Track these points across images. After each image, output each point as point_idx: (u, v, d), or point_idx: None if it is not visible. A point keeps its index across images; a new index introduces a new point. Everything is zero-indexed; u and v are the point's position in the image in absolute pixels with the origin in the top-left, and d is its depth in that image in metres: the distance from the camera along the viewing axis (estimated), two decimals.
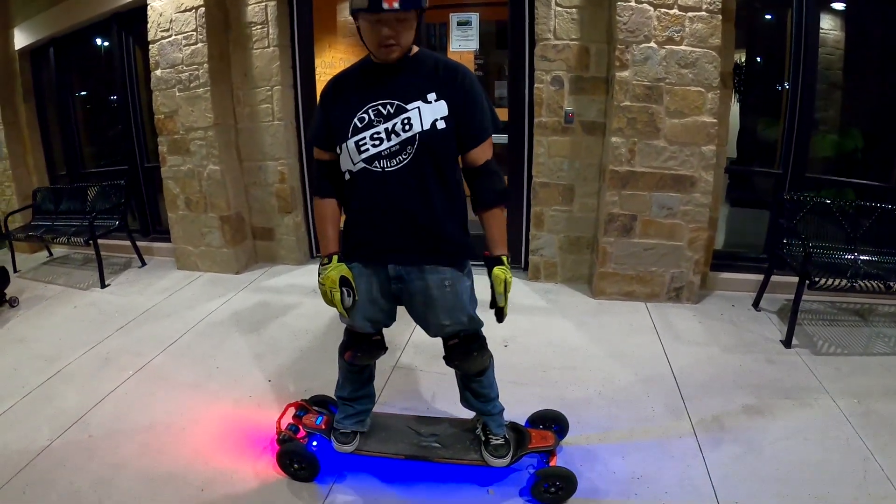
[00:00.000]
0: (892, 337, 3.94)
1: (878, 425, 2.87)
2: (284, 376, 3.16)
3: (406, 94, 1.89)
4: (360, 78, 1.95)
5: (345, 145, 1.93)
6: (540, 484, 2.28)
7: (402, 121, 1.88)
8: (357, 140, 1.91)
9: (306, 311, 3.96)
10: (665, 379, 3.22)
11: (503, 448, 2.33)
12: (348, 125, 1.92)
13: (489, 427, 2.35)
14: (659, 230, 3.94)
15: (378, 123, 1.90)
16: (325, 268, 2.02)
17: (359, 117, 1.91)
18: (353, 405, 2.39)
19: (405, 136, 1.89)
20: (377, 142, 1.90)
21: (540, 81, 3.94)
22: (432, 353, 3.28)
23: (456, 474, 2.45)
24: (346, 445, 2.39)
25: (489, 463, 2.32)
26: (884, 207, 4.01)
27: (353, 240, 2.07)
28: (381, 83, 1.91)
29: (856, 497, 2.37)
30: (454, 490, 2.39)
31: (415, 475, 2.46)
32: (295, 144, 4.64)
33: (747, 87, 4.73)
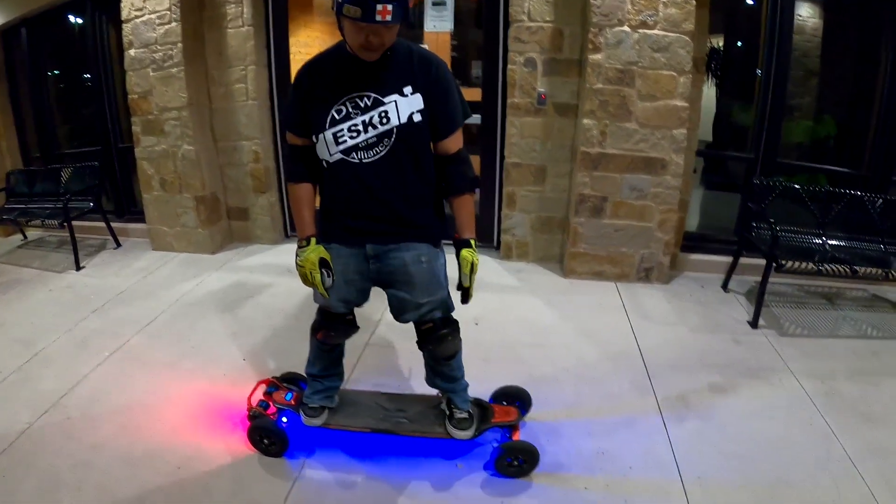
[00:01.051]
0: (858, 320, 4.02)
1: (841, 406, 2.94)
2: (259, 355, 3.17)
3: (383, 86, 1.92)
4: (336, 67, 1.95)
5: (322, 136, 1.95)
6: (503, 457, 2.34)
7: (380, 114, 1.91)
8: (335, 132, 1.93)
9: (281, 290, 3.97)
10: (632, 357, 3.27)
11: (466, 422, 2.37)
12: (325, 116, 1.93)
13: (454, 402, 2.39)
14: (629, 211, 3.99)
15: (355, 115, 1.92)
16: (304, 250, 2.04)
17: (336, 109, 1.92)
18: (322, 381, 2.43)
19: (382, 129, 1.92)
20: (354, 133, 1.93)
21: (513, 63, 3.95)
22: (405, 330, 3.28)
23: (422, 448, 2.49)
24: (314, 419, 2.43)
25: (453, 436, 2.37)
26: (853, 194, 4.07)
27: (330, 222, 2.10)
28: (358, 75, 1.92)
29: (816, 475, 2.43)
30: (421, 463, 2.43)
31: (383, 450, 2.50)
32: (269, 124, 4.61)
33: (724, 72, 4.77)
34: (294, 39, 4.64)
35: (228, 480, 2.31)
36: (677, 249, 4.33)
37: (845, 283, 4.39)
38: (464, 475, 2.38)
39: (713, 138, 4.75)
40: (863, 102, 4.70)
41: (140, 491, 2.25)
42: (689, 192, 4.23)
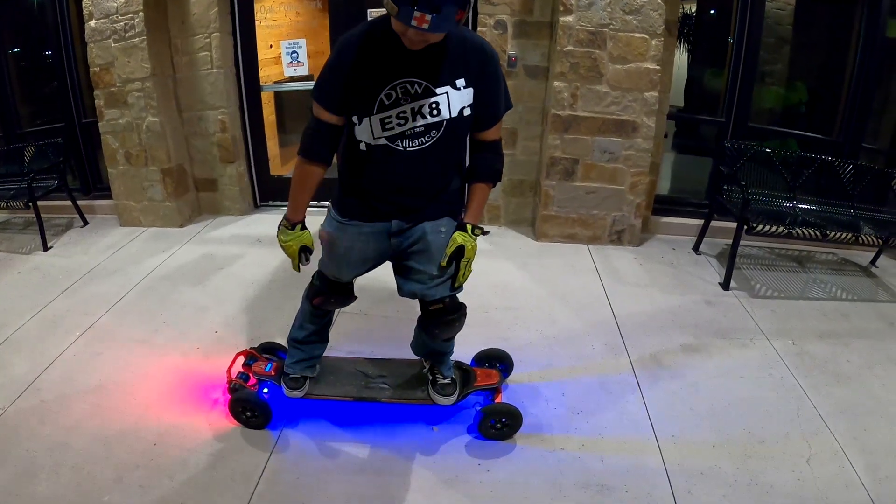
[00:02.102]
0: (828, 283, 4.08)
1: (811, 366, 3.00)
2: (231, 326, 3.13)
3: (435, 76, 1.82)
4: (386, 47, 1.79)
5: (368, 120, 1.85)
6: (486, 420, 2.36)
7: (430, 104, 1.84)
8: (383, 117, 1.84)
9: (251, 260, 3.92)
10: (605, 319, 3.29)
11: (450, 387, 2.37)
12: (374, 99, 1.83)
13: (438, 368, 2.39)
14: (601, 174, 3.99)
15: (405, 102, 1.83)
16: (289, 235, 2.04)
17: (386, 93, 1.82)
18: (304, 349, 2.40)
19: (432, 120, 1.85)
20: (402, 121, 1.85)
21: (483, 25, 3.89)
22: (378, 296, 3.27)
23: (405, 414, 2.49)
24: (296, 391, 2.40)
25: (436, 401, 2.37)
26: (824, 159, 4.11)
27: (356, 200, 2.03)
28: (409, 58, 1.79)
29: (788, 432, 2.49)
30: (403, 429, 2.44)
31: (365, 417, 2.49)
32: (235, 92, 4.50)
33: (697, 38, 4.77)
34: (259, 5, 4.52)
35: (206, 454, 2.29)
36: (649, 212, 4.35)
37: (815, 246, 4.44)
38: (448, 439, 2.39)
39: (685, 103, 4.76)
40: (834, 69, 4.74)
41: (117, 469, 2.22)
42: (660, 156, 4.24)
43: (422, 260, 2.02)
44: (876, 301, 4.04)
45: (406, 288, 2.09)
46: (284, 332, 2.84)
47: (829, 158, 4.11)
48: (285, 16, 5.00)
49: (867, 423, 2.68)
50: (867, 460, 2.45)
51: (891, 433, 2.65)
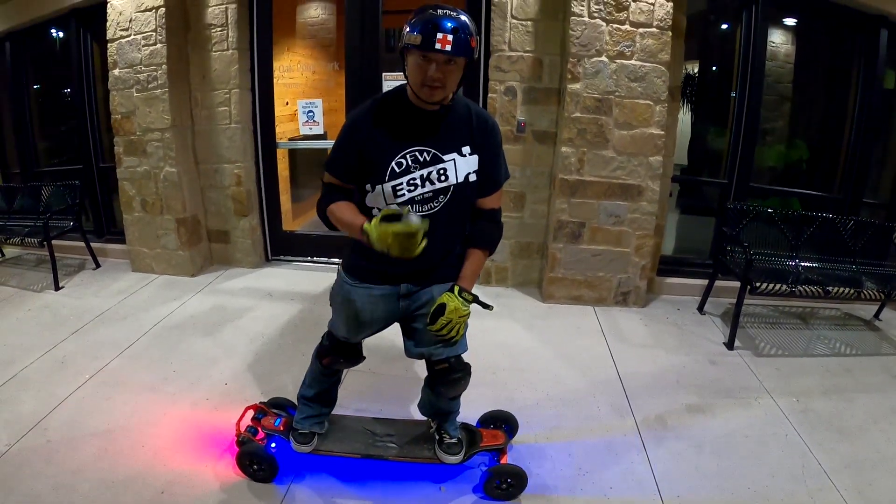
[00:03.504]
0: (832, 339, 4.13)
1: (815, 422, 3.05)
2: (240, 379, 3.17)
3: (443, 144, 1.94)
4: (397, 116, 1.93)
5: (380, 187, 1.93)
6: (492, 480, 2.40)
7: (438, 171, 1.93)
8: (394, 185, 1.92)
9: (261, 314, 3.96)
10: (611, 380, 3.33)
11: (456, 446, 2.42)
12: (385, 168, 1.91)
13: (444, 428, 2.45)
14: (607, 237, 4.07)
15: (415, 169, 1.93)
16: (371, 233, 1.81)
17: (397, 161, 1.92)
18: (313, 406, 2.45)
19: (440, 185, 1.94)
20: (412, 187, 1.94)
21: (494, 91, 4.02)
22: (387, 355, 3.33)
23: (411, 473, 2.53)
24: (304, 446, 2.45)
25: (443, 460, 2.42)
26: (825, 216, 4.20)
27: (367, 264, 2.08)
28: (418, 127, 1.92)
29: (793, 490, 2.53)
30: (409, 487, 2.47)
31: (371, 474, 2.53)
32: (252, 148, 4.63)
33: (700, 98, 4.89)
34: (277, 64, 4.68)
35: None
36: (654, 273, 4.42)
37: (818, 302, 4.50)
38: (454, 498, 2.43)
39: (688, 163, 4.86)
40: (834, 127, 4.85)
41: None
42: (664, 218, 4.33)
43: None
44: (880, 354, 4.08)
45: (413, 349, 2.18)
46: (293, 387, 2.92)
47: (830, 216, 4.20)
48: (302, 75, 5.18)
49: (872, 477, 2.72)
50: None
51: (892, 484, 2.69)
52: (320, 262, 4.76)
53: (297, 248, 4.83)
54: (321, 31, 5.48)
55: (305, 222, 5.44)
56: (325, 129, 4.57)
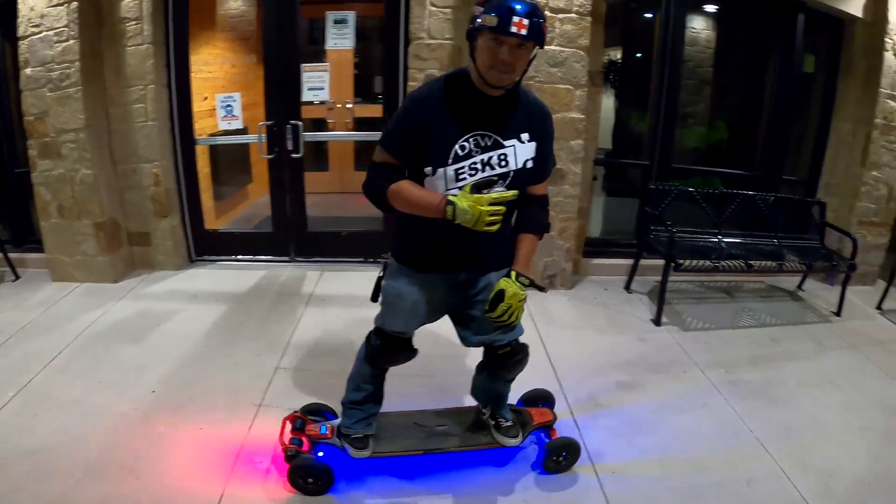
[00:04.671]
0: (757, 311, 4.29)
1: (745, 392, 3.17)
2: (169, 385, 3.05)
3: (504, 129, 1.95)
4: (460, 100, 1.92)
5: (442, 171, 1.92)
6: (550, 456, 2.51)
7: (499, 156, 1.95)
8: (457, 168, 1.92)
9: (187, 316, 3.84)
10: (541, 363, 3.35)
11: (514, 429, 2.49)
12: (448, 151, 1.91)
13: (499, 412, 2.51)
14: None
15: (476, 154, 1.93)
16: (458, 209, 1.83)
17: (460, 145, 1.91)
18: (364, 408, 2.40)
19: (499, 171, 1.95)
20: (473, 171, 1.93)
21: (414, 80, 3.97)
22: (314, 351, 3.29)
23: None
24: (363, 451, 2.39)
25: (504, 444, 2.48)
26: (745, 193, 4.34)
27: (425, 253, 2.10)
28: (480, 112, 1.93)
29: (728, 459, 2.63)
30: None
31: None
32: (169, 145, 4.46)
33: (623, 83, 4.99)
34: (195, 57, 4.53)
35: None
36: (580, 255, 4.48)
37: (743, 276, 4.66)
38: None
39: (613, 146, 4.96)
40: (753, 108, 5.02)
41: None
42: (588, 200, 4.39)
43: None
44: (805, 323, 4.27)
45: (473, 338, 2.23)
46: (223, 390, 2.88)
47: (750, 193, 4.34)
48: (221, 68, 5.02)
49: (804, 441, 2.87)
50: (807, 477, 2.62)
51: (827, 449, 2.84)
52: (245, 261, 4.64)
53: (222, 248, 4.69)
54: (241, 22, 5.33)
55: (229, 220, 5.28)
56: (245, 123, 4.44)
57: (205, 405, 2.80)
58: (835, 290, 4.70)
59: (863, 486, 2.64)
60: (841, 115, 5.04)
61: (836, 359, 3.82)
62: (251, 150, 4.68)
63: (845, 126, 5.01)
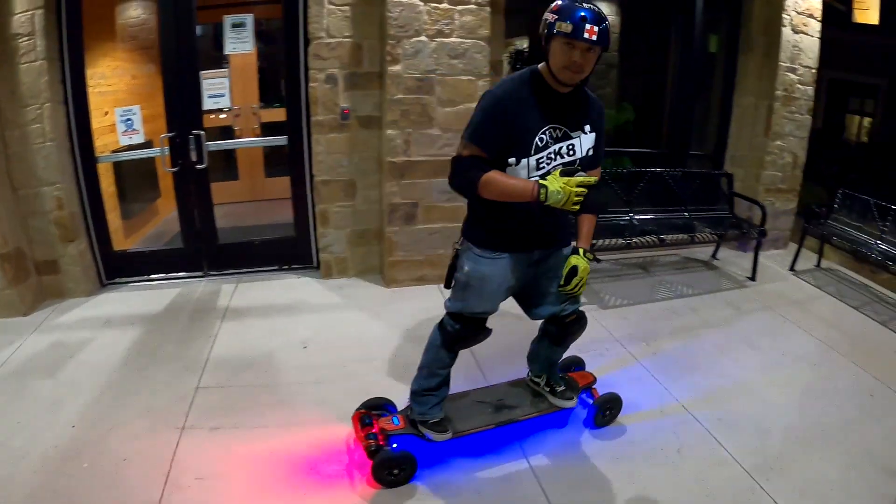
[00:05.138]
0: (674, 283, 4.43)
1: (667, 362, 3.29)
2: (89, 418, 2.88)
3: (571, 122, 2.21)
4: (536, 96, 2.17)
5: (526, 160, 2.16)
6: (599, 412, 2.82)
7: (567, 146, 2.21)
8: (538, 158, 2.17)
9: (102, 343, 3.64)
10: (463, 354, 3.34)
11: (568, 391, 2.80)
12: (531, 143, 2.16)
13: (552, 379, 2.80)
14: (442, 214, 4.12)
15: (551, 144, 2.19)
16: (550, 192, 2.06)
17: (539, 137, 2.16)
18: (437, 393, 2.56)
19: (568, 159, 2.21)
20: (548, 161, 2.19)
21: (314, 80, 3.93)
22: (234, 366, 3.23)
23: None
24: (444, 433, 2.54)
25: (562, 407, 2.77)
26: (653, 171, 4.46)
27: (505, 234, 2.32)
28: (553, 107, 2.18)
29: (655, 427, 2.82)
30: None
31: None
32: (70, 166, 4.24)
33: None
34: (92, 71, 4.35)
35: None
36: None
37: (657, 251, 4.80)
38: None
39: None
40: (658, 88, 5.17)
41: None
42: None
43: (559, 282, 2.40)
44: (721, 290, 4.45)
45: (542, 311, 2.53)
46: (144, 416, 2.79)
47: (658, 170, 4.46)
48: (122, 80, 4.85)
49: (728, 403, 3.03)
50: (735, 437, 2.77)
51: (751, 408, 3.01)
52: (158, 280, 4.45)
53: (133, 269, 4.49)
54: (142, 31, 5.15)
55: (139, 239, 5.09)
56: (149, 136, 4.28)
57: (127, 434, 2.69)
58: (748, 256, 4.91)
59: (793, 440, 2.81)
60: (743, 90, 5.26)
61: (754, 321, 4.01)
62: (157, 164, 4.53)
63: (747, 100, 5.22)
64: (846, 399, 3.18)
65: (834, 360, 3.60)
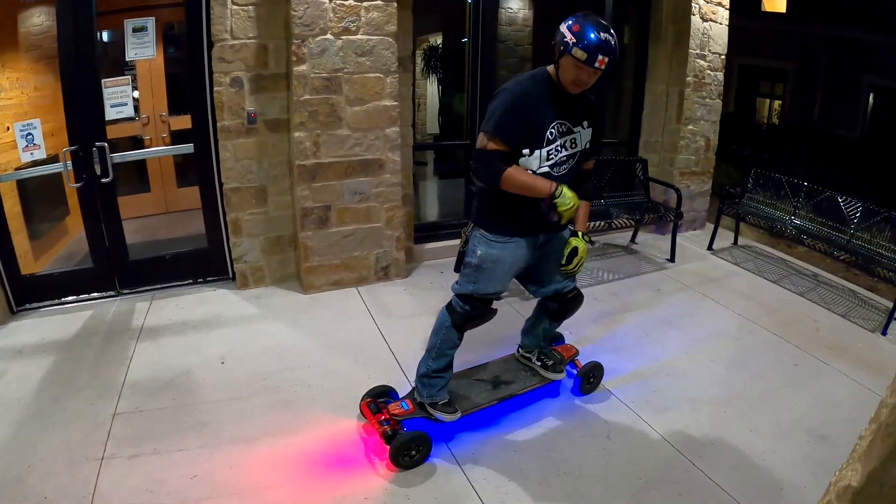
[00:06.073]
0: (594, 269, 4.58)
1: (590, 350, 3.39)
2: (5, 457, 2.64)
3: (573, 118, 2.48)
4: (548, 94, 2.42)
5: (538, 152, 2.40)
6: (584, 381, 3.08)
7: (570, 140, 2.47)
8: (548, 150, 2.42)
9: (14, 376, 3.33)
10: (383, 355, 3.37)
11: (559, 364, 3.03)
12: (543, 136, 2.40)
13: (545, 353, 3.04)
14: (355, 216, 4.07)
15: (558, 138, 2.44)
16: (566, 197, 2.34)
17: (550, 131, 2.41)
18: (444, 375, 2.71)
19: (571, 151, 2.48)
20: (556, 152, 2.44)
21: (219, 84, 3.78)
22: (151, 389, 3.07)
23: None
24: (454, 414, 2.68)
25: (553, 379, 3.00)
26: None
27: (516, 220, 2.52)
28: (561, 105, 2.43)
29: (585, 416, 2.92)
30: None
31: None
32: None
33: (445, 69, 5.05)
34: None
35: None
36: (411, 242, 4.52)
37: None
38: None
39: (440, 130, 5.02)
40: None
41: None
42: (411, 187, 4.42)
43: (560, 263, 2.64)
44: (640, 274, 4.56)
45: (545, 289, 2.78)
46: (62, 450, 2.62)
47: None
48: (23, 93, 4.56)
49: (654, 384, 3.13)
50: (663, 417, 2.86)
51: (677, 386, 3.12)
52: (70, 303, 4.15)
53: (44, 292, 4.18)
54: (46, 40, 4.85)
55: (50, 260, 4.80)
56: (53, 150, 4.04)
57: (46, 470, 2.51)
58: (666, 238, 5.05)
59: (723, 412, 2.93)
60: (654, 78, 5.41)
61: (675, 302, 4.14)
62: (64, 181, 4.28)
63: (659, 87, 5.38)
64: (770, 370, 3.34)
65: (755, 332, 3.76)
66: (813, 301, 4.24)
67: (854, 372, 3.33)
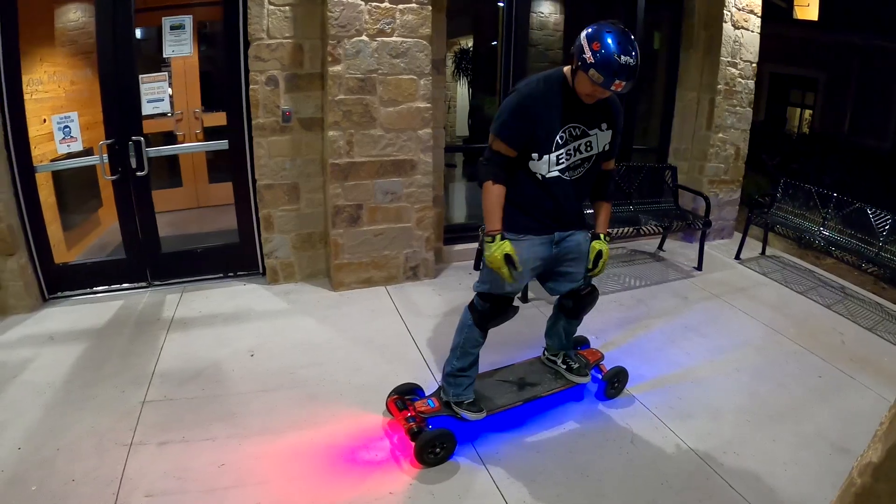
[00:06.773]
0: (622, 275, 4.54)
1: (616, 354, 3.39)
2: (34, 439, 2.74)
3: (589, 121, 2.43)
4: (560, 98, 2.37)
5: (547, 156, 2.39)
6: (609, 385, 3.06)
7: (585, 143, 2.43)
8: (558, 154, 2.40)
9: (45, 362, 3.46)
10: (410, 353, 3.40)
11: (584, 368, 3.00)
12: (552, 141, 2.37)
13: (569, 356, 3.02)
14: (386, 215, 4.11)
15: (570, 142, 2.41)
16: (491, 245, 2.41)
17: (560, 136, 2.38)
18: (470, 373, 2.71)
19: (585, 154, 2.45)
20: (568, 157, 2.42)
21: (255, 82, 3.85)
22: (180, 378, 3.15)
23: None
24: (479, 413, 2.68)
25: (578, 382, 2.99)
26: None
27: (529, 219, 2.52)
28: (574, 108, 2.38)
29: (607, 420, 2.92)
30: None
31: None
32: (8, 176, 4.04)
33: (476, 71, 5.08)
34: (28, 77, 4.18)
35: None
36: (440, 243, 4.54)
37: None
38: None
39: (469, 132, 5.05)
40: None
41: None
42: (442, 188, 4.45)
43: (577, 263, 2.64)
44: (667, 281, 4.53)
45: (562, 287, 2.74)
46: (91, 435, 2.69)
47: None
48: (60, 86, 4.68)
49: (678, 391, 3.12)
50: (686, 424, 2.85)
51: (700, 394, 3.11)
52: (102, 292, 4.28)
53: (77, 281, 4.33)
54: (82, 35, 4.98)
55: (82, 251, 4.91)
56: (89, 144, 4.14)
57: (74, 454, 2.58)
58: (694, 246, 5.02)
59: (744, 423, 2.90)
60: (685, 85, 5.39)
61: (701, 310, 4.11)
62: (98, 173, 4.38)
63: (690, 94, 5.35)
64: (795, 381, 3.30)
65: (781, 343, 3.72)
66: (839, 313, 4.18)
67: (878, 386, 3.29)
